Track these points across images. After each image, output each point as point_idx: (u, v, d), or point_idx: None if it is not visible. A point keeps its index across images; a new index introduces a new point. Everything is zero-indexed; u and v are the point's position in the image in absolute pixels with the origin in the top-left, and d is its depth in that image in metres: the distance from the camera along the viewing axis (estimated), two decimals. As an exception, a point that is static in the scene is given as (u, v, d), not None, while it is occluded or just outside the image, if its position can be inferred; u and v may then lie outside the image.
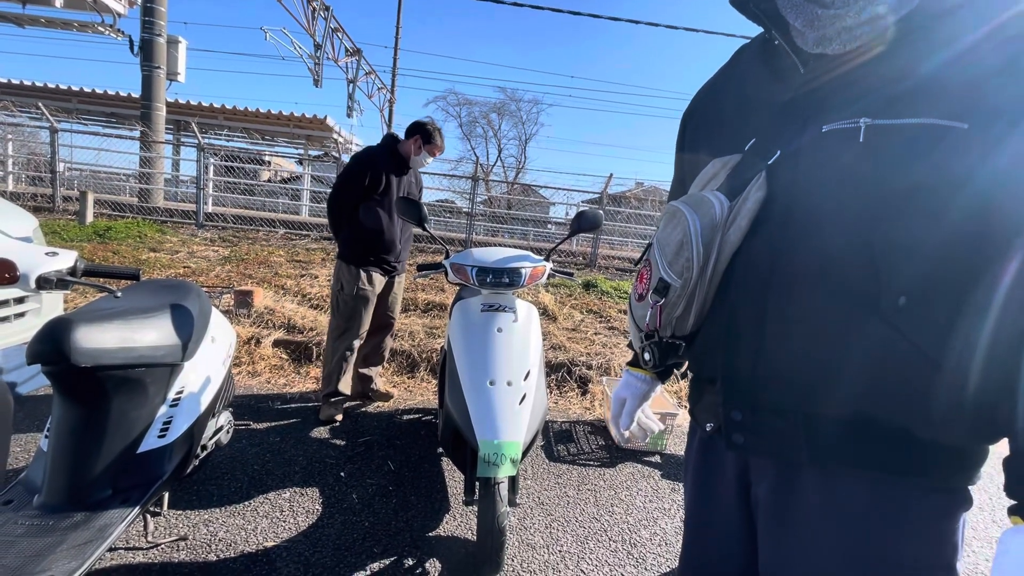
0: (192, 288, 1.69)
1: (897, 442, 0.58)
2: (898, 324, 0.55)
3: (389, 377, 3.32)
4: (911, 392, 0.56)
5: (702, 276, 0.67)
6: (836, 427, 0.60)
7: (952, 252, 0.54)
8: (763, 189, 0.63)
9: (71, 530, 1.22)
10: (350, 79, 14.07)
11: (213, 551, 1.63)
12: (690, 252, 0.66)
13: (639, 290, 0.77)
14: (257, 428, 2.48)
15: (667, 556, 1.85)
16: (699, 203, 0.68)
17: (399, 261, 2.80)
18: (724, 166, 0.70)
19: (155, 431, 1.45)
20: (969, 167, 0.53)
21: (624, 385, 0.97)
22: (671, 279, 0.68)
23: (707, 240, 0.66)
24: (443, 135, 2.72)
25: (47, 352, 1.20)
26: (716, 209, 0.66)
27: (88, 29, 10.05)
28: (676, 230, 0.69)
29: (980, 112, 0.53)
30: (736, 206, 0.65)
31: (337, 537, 1.76)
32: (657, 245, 0.73)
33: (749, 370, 0.65)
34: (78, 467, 1.32)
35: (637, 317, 0.77)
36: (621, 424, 0.96)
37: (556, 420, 2.96)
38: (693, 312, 0.69)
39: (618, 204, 11.28)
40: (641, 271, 0.78)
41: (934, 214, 0.54)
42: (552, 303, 4.87)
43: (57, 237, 5.72)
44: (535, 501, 2.11)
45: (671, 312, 0.70)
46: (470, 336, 1.78)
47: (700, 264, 0.66)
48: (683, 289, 0.68)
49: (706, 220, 0.66)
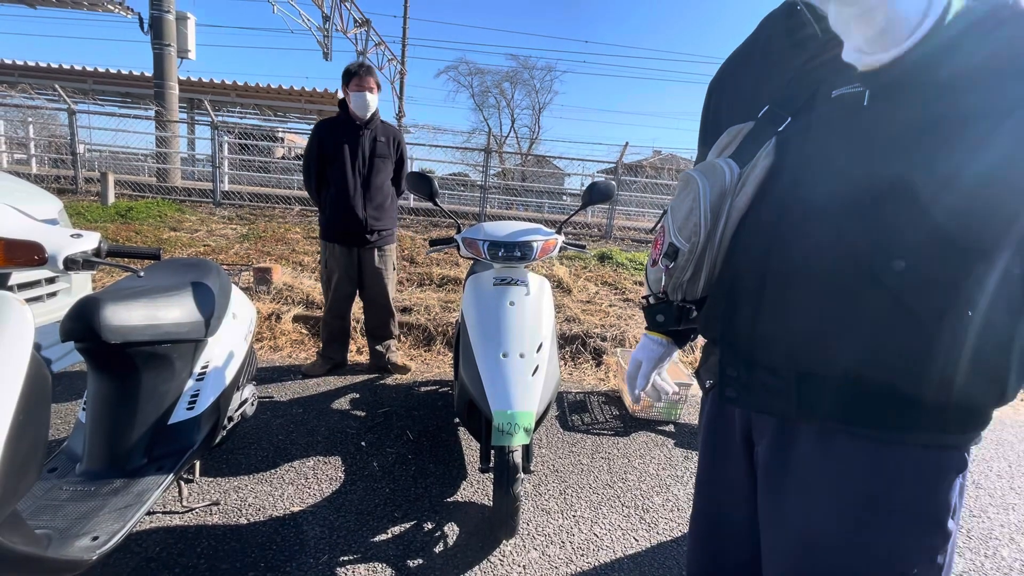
0: (212, 266, 1.74)
1: (889, 400, 0.59)
2: (896, 288, 0.56)
3: (406, 351, 3.38)
4: (905, 354, 0.57)
5: (710, 241, 0.69)
6: (828, 385, 0.61)
7: (952, 220, 0.54)
8: (771, 156, 0.65)
9: (112, 495, 1.31)
10: (360, 51, 13.86)
11: (244, 515, 1.72)
12: (698, 217, 0.68)
13: (653, 255, 0.79)
14: (280, 400, 2.57)
15: (679, 521, 1.90)
16: (711, 170, 0.70)
17: (370, 232, 2.64)
18: (738, 134, 0.71)
19: (184, 403, 1.52)
20: (971, 148, 0.52)
21: (641, 347, 0.99)
22: (680, 244, 0.71)
23: (715, 206, 0.68)
24: (369, 68, 2.57)
25: (79, 330, 1.26)
26: (726, 176, 0.67)
27: (98, 8, 10.05)
28: (687, 197, 0.71)
29: (1001, 105, 0.51)
30: (745, 173, 0.67)
31: (359, 503, 1.84)
32: (670, 211, 0.76)
33: (747, 329, 0.67)
34: (114, 437, 1.40)
35: (651, 281, 0.81)
36: (637, 385, 0.98)
37: (570, 391, 3.00)
38: (703, 277, 0.72)
39: (634, 173, 11.08)
40: (656, 237, 0.80)
41: (936, 181, 0.53)
42: (567, 275, 4.87)
43: (81, 218, 5.86)
44: (550, 469, 2.17)
45: (680, 276, 0.72)
46: (483, 310, 1.81)
47: (707, 229, 0.68)
48: (691, 253, 0.70)
49: (716, 187, 0.68)
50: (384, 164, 2.68)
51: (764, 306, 0.65)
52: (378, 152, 2.62)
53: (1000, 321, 0.55)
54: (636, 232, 9.34)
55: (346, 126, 2.58)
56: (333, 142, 2.58)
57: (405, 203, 9.47)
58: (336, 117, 2.64)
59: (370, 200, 2.61)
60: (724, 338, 0.71)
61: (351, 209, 2.59)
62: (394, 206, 2.79)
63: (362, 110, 2.55)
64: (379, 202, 2.65)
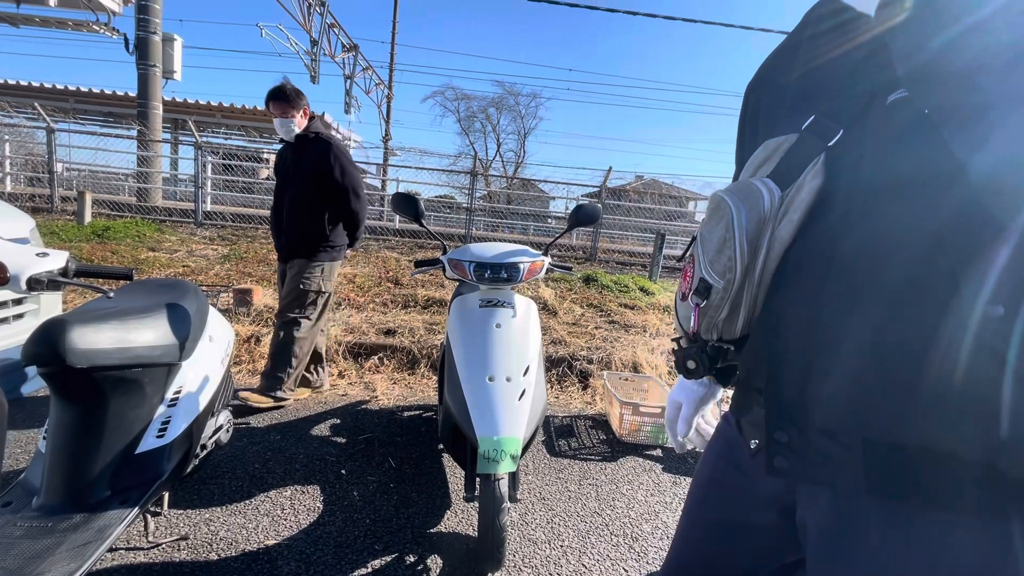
0: (189, 287, 1.68)
1: (979, 478, 0.47)
2: (989, 339, 0.45)
3: (389, 374, 3.31)
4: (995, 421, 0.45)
5: (748, 277, 0.59)
6: (903, 456, 0.50)
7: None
8: (820, 176, 0.55)
9: (70, 531, 1.22)
10: (347, 75, 14.01)
11: (214, 550, 1.63)
12: (732, 251, 0.58)
13: (683, 288, 0.69)
14: (257, 426, 2.48)
15: (668, 550, 1.85)
16: (745, 193, 0.59)
17: (287, 247, 2.66)
18: (777, 148, 0.61)
19: (153, 431, 1.45)
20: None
21: (680, 388, 0.87)
22: (712, 279, 0.61)
23: (752, 236, 0.58)
24: (280, 93, 2.48)
25: (42, 354, 1.19)
26: (765, 200, 0.57)
27: (83, 28, 10.00)
28: (719, 224, 0.61)
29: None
30: (788, 196, 0.57)
31: (338, 535, 1.76)
32: (700, 240, 0.66)
33: (797, 385, 0.56)
34: (76, 468, 1.32)
35: (681, 317, 0.71)
36: (678, 431, 0.87)
37: (557, 415, 2.96)
38: (741, 316, 0.62)
39: (618, 198, 11.24)
40: (685, 268, 0.70)
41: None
42: (552, 297, 4.86)
43: (56, 238, 5.71)
44: (536, 496, 2.11)
45: (714, 315, 0.63)
46: (469, 332, 1.77)
47: (744, 264, 0.58)
48: (725, 291, 0.60)
49: (753, 213, 0.58)
50: (312, 182, 2.58)
51: (817, 357, 0.54)
52: (299, 168, 2.60)
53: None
54: (620, 255, 9.44)
55: (286, 145, 2.66)
56: (279, 158, 2.69)
57: (390, 224, 9.45)
58: None
59: (290, 215, 2.61)
60: (771, 394, 0.59)
61: (277, 222, 2.65)
62: (321, 225, 2.63)
63: (286, 133, 2.57)
64: (300, 219, 2.62)
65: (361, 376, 3.24)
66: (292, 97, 2.51)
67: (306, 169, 2.58)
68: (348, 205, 2.65)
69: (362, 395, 2.99)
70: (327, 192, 2.60)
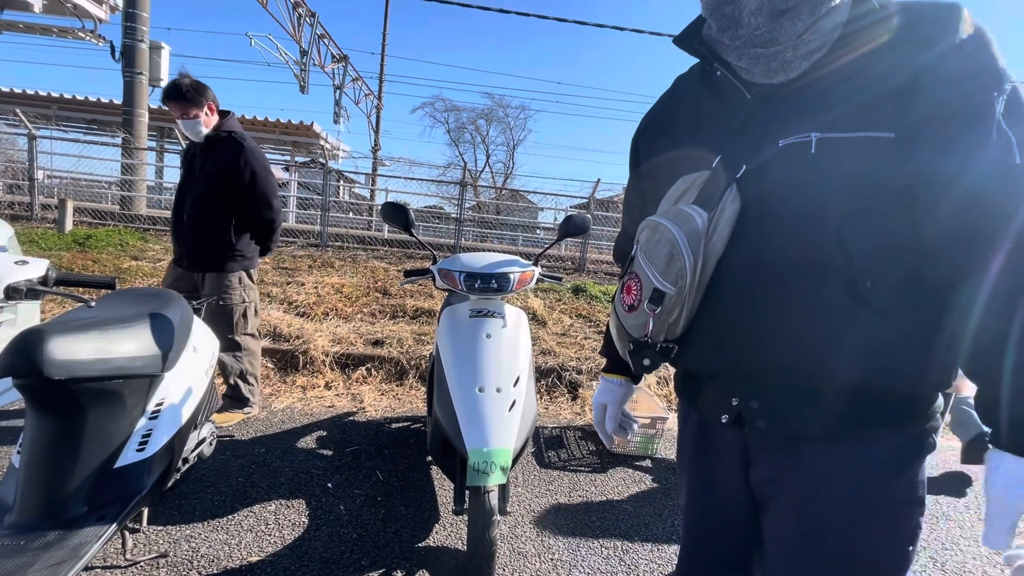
0: (172, 297, 1.65)
1: (884, 401, 0.69)
2: (870, 301, 0.65)
3: (377, 385, 3.27)
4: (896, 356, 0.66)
5: (692, 282, 0.73)
6: (839, 397, 0.68)
7: (900, 243, 0.65)
8: (738, 200, 0.71)
9: (44, 549, 1.17)
10: (337, 85, 14.02)
11: (195, 568, 1.58)
12: (682, 261, 0.71)
13: (628, 301, 0.80)
14: (241, 439, 2.43)
15: (659, 561, 1.84)
16: (678, 216, 0.74)
17: (191, 256, 2.41)
18: (694, 183, 0.76)
19: (133, 444, 1.41)
20: (898, 171, 0.63)
21: (603, 391, 1.04)
22: (665, 288, 0.73)
23: (694, 249, 0.72)
24: (176, 89, 2.23)
25: (18, 364, 1.15)
26: (697, 221, 0.72)
27: (68, 35, 9.91)
28: (661, 242, 0.74)
29: (906, 121, 0.62)
30: (715, 216, 0.72)
31: (324, 550, 1.72)
32: (644, 257, 0.78)
33: (755, 361, 0.72)
34: (52, 483, 1.27)
35: (630, 327, 0.81)
36: (607, 427, 1.03)
37: (546, 426, 2.94)
38: (683, 316, 0.75)
39: (606, 209, 11.33)
40: (628, 283, 0.82)
41: (882, 211, 0.65)
42: (541, 308, 4.86)
43: (35, 246, 5.58)
44: (526, 509, 2.09)
45: (666, 318, 0.75)
46: (458, 342, 1.76)
47: (692, 271, 0.72)
48: (678, 296, 0.73)
49: (689, 231, 0.72)
50: (218, 186, 2.36)
51: (765, 336, 0.71)
52: (206, 169, 2.35)
53: (938, 319, 0.66)
54: (609, 265, 9.49)
55: (193, 146, 2.41)
56: (185, 161, 2.44)
57: (379, 234, 9.41)
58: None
59: (193, 221, 2.36)
60: (735, 372, 0.75)
61: (178, 227, 2.42)
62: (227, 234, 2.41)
63: (193, 133, 2.32)
64: (205, 226, 2.38)
65: (348, 387, 3.20)
66: (191, 94, 2.24)
67: (213, 171, 2.32)
68: (259, 214, 2.43)
69: (349, 407, 2.95)
70: (236, 198, 2.37)
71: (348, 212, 13.78)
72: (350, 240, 8.70)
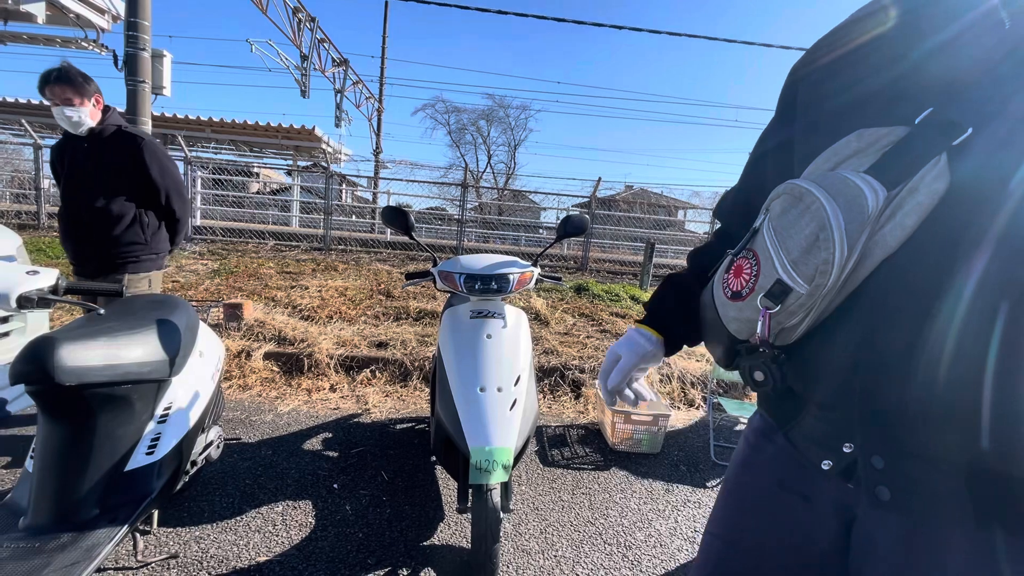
0: (179, 303, 1.69)
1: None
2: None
3: (382, 387, 3.30)
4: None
5: (835, 283, 0.52)
6: (1012, 487, 0.48)
7: None
8: (945, 178, 0.48)
9: (58, 551, 1.21)
10: (337, 89, 14.08)
11: (205, 568, 1.61)
12: (829, 253, 0.50)
13: (734, 286, 0.61)
14: (248, 442, 2.46)
15: (662, 558, 1.86)
16: (841, 188, 0.51)
17: (98, 259, 2.19)
18: (876, 140, 0.53)
19: (143, 448, 1.44)
20: None
21: (626, 341, 0.84)
22: (794, 283, 0.53)
23: (852, 239, 0.50)
24: (63, 74, 2.04)
25: (30, 372, 1.19)
26: (868, 199, 0.50)
27: (71, 45, 9.98)
28: (805, 220, 0.53)
29: None
30: (899, 197, 0.50)
31: (331, 550, 1.75)
32: (774, 235, 0.56)
33: (895, 406, 0.51)
34: (64, 487, 1.31)
35: (728, 319, 0.62)
36: (610, 380, 0.85)
37: (550, 424, 2.96)
38: (806, 323, 0.55)
39: (608, 207, 11.35)
40: (739, 262, 0.61)
41: None
42: (544, 307, 4.88)
43: (43, 255, 5.65)
44: (529, 506, 2.11)
45: (783, 321, 0.56)
46: (459, 343, 1.79)
47: (842, 269, 0.51)
48: (809, 298, 0.53)
49: (853, 212, 0.50)
50: (123, 184, 2.19)
51: (920, 377, 0.50)
52: (110, 170, 2.15)
53: None
54: (611, 264, 9.50)
55: (73, 139, 2.18)
56: (62, 157, 2.21)
57: (382, 236, 9.46)
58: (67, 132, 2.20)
59: (93, 226, 2.15)
60: (861, 413, 0.54)
61: (68, 233, 2.20)
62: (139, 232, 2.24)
63: (71, 125, 2.11)
64: (106, 229, 2.16)
65: (353, 389, 3.23)
66: (79, 81, 2.07)
67: (112, 167, 2.15)
68: (171, 207, 2.31)
69: (354, 408, 2.98)
70: (143, 194, 2.24)
71: (351, 215, 13.83)
72: (353, 243, 8.75)
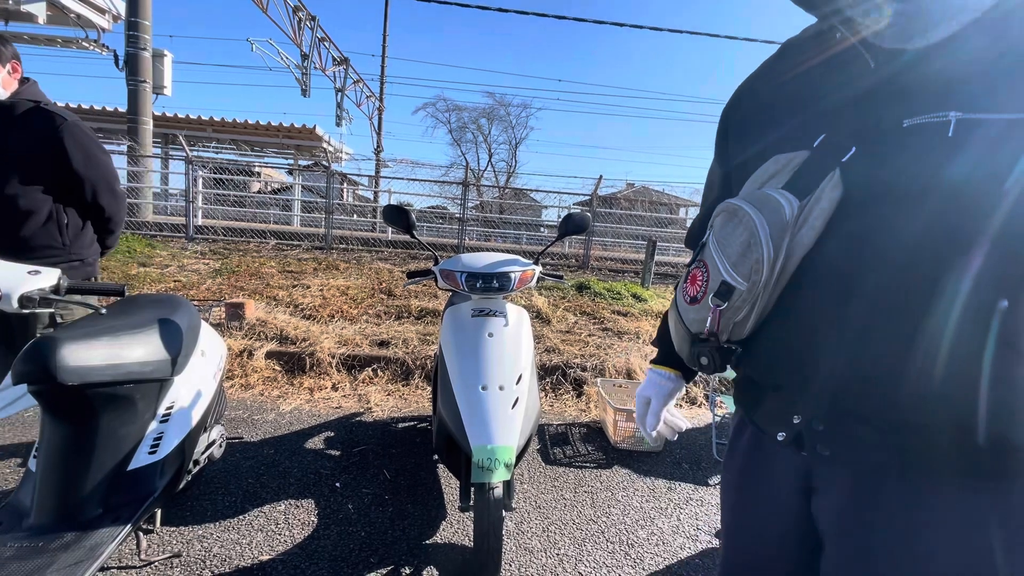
0: (181, 302, 1.69)
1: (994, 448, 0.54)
2: (999, 328, 0.52)
3: (383, 385, 3.31)
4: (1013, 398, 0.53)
5: (768, 279, 0.63)
6: (929, 434, 0.56)
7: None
8: (839, 188, 0.60)
9: (61, 551, 1.21)
10: (338, 88, 14.08)
11: (208, 567, 1.62)
12: (759, 253, 0.62)
13: (691, 292, 0.72)
14: (251, 441, 2.46)
15: (664, 556, 1.85)
16: (764, 201, 0.64)
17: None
18: (788, 163, 0.65)
19: (145, 447, 1.44)
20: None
21: (649, 384, 0.95)
22: (736, 282, 0.65)
23: (776, 241, 0.62)
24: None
25: (32, 371, 1.19)
26: (785, 209, 0.62)
27: (72, 45, 9.99)
28: (739, 230, 0.65)
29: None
30: (808, 205, 0.61)
31: (333, 548, 1.75)
32: (716, 245, 0.68)
33: (829, 377, 0.61)
34: (67, 486, 1.31)
35: (689, 320, 0.73)
36: (647, 424, 0.94)
37: (552, 423, 2.96)
38: (753, 317, 0.66)
39: (609, 205, 11.34)
40: (693, 272, 0.73)
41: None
42: (545, 306, 4.88)
43: (45, 254, 5.65)
44: (532, 505, 2.11)
45: (732, 316, 0.67)
46: (461, 342, 1.79)
47: (772, 266, 0.62)
48: (749, 292, 0.64)
49: (774, 219, 0.62)
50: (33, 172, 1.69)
51: (847, 350, 0.60)
52: (16, 156, 1.68)
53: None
54: (612, 262, 9.49)
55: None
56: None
57: (383, 235, 9.46)
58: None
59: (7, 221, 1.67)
60: (802, 387, 0.65)
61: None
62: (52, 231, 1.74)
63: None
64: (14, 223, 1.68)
65: (355, 388, 3.23)
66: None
67: (20, 154, 1.68)
68: (98, 203, 1.83)
69: (356, 407, 2.98)
70: (63, 187, 1.76)
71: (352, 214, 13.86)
72: (354, 242, 8.75)
